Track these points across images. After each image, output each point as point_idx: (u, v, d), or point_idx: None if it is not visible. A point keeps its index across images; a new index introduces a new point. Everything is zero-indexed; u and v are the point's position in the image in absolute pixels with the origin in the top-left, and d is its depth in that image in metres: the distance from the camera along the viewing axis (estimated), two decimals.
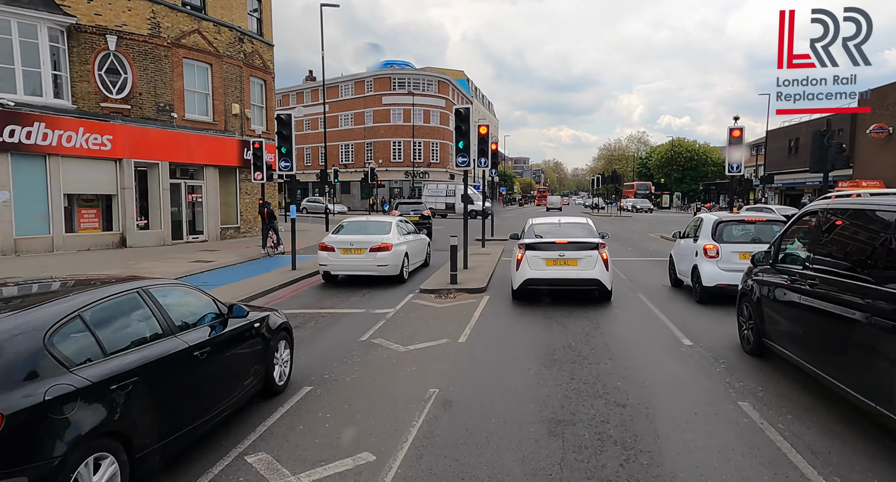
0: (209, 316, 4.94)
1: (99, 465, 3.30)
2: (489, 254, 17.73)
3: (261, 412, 5.37)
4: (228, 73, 22.59)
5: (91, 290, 3.97)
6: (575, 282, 10.07)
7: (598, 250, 10.02)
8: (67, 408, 3.18)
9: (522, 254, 10.21)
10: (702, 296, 10.11)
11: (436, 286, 11.95)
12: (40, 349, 3.25)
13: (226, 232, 23.03)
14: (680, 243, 12.07)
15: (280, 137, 13.90)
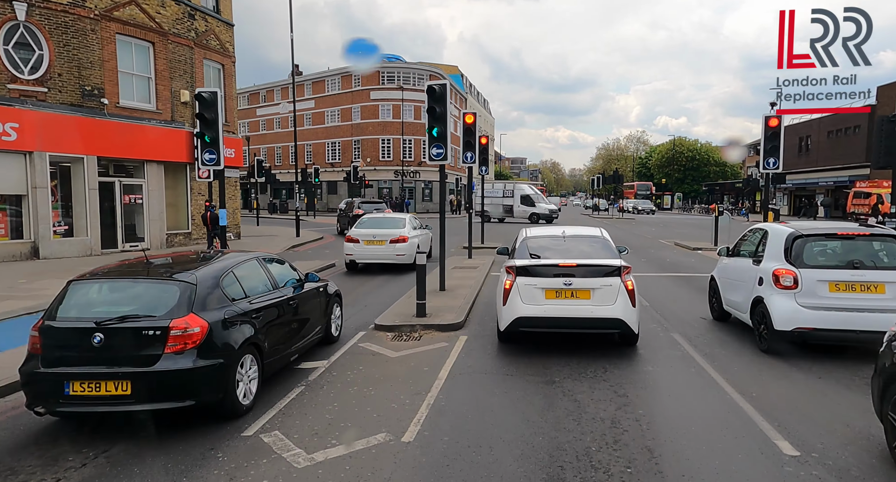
0: (292, 280, 7.06)
1: (244, 362, 5.41)
2: (476, 269, 14.64)
3: None
4: (176, 55, 19.46)
5: (234, 257, 6.40)
6: (587, 323, 6.98)
7: (621, 277, 6.98)
8: (233, 324, 5.35)
9: (512, 281, 7.19)
10: (772, 343, 7.11)
11: (396, 319, 8.87)
12: (217, 288, 5.44)
13: (173, 239, 19.89)
14: (728, 263, 8.91)
15: (202, 122, 10.82)
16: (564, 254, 7.42)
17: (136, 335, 4.82)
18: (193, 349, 4.85)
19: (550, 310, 6.91)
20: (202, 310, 5.06)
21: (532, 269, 7.11)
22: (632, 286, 6.97)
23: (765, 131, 15.22)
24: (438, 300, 10.40)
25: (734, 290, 8.36)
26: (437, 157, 10.85)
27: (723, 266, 9.13)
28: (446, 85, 10.66)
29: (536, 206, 38.73)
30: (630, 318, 6.89)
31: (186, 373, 4.78)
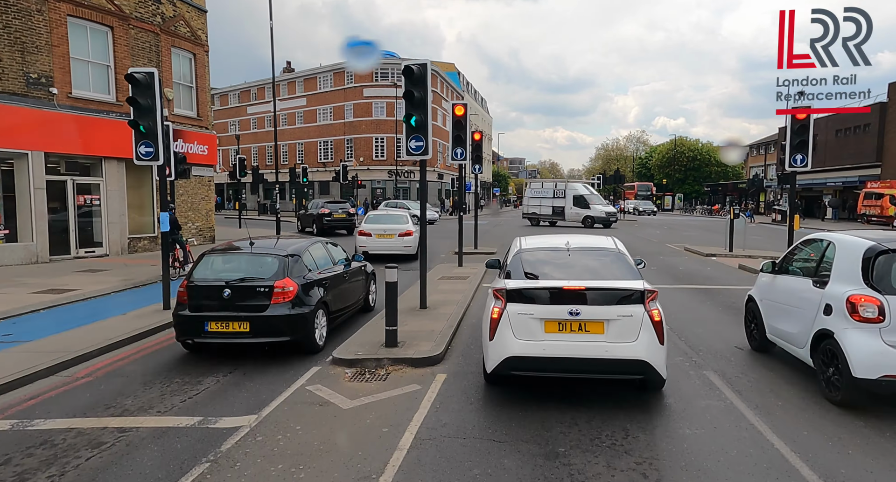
0: (343, 259, 9.11)
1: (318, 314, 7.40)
2: (465, 280, 12.91)
3: None
4: (139, 41, 17.71)
5: (308, 240, 8.66)
6: (600, 365, 5.26)
7: (645, 304, 5.28)
8: (311, 287, 7.39)
9: (501, 309, 5.48)
10: (848, 394, 5.30)
11: (360, 350, 7.13)
12: (301, 261, 7.54)
13: (137, 244, 18.13)
14: (774, 282, 7.09)
15: (135, 108, 9.08)
16: (569, 272, 5.73)
17: (252, 291, 7.00)
18: (289, 302, 7.00)
19: (552, 348, 5.23)
20: (292, 276, 7.22)
21: (528, 294, 5.44)
22: (659, 317, 5.27)
23: (791, 124, 13.59)
24: (416, 322, 8.68)
25: (784, 318, 6.52)
26: (417, 150, 9.14)
27: (766, 285, 7.27)
28: (426, 65, 8.94)
29: (591, 208, 34.12)
30: (657, 360, 5.20)
31: (285, 318, 6.94)
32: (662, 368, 5.26)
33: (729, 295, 11.35)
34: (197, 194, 20.66)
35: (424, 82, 8.92)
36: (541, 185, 37.80)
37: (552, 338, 5.23)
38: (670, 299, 10.79)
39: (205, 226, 21.13)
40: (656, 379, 5.31)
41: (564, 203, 34.90)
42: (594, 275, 5.66)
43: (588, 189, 36.63)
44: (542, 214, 35.73)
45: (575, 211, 34.48)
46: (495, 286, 5.75)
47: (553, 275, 5.70)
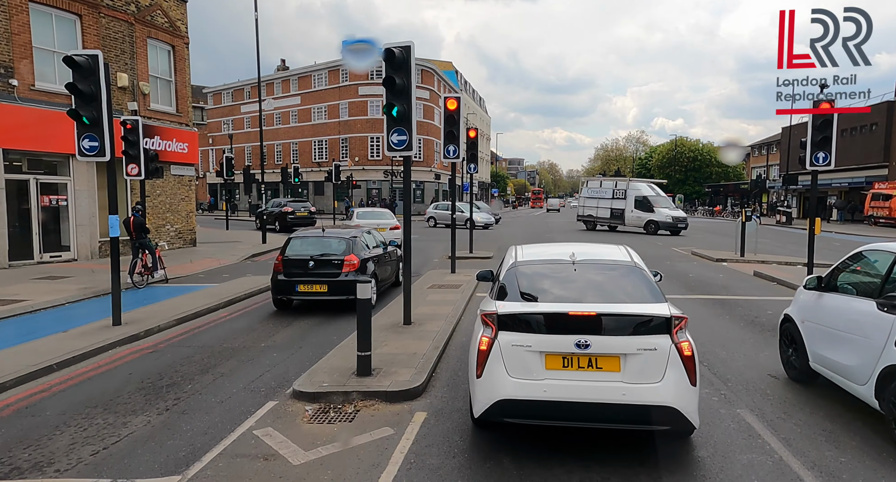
0: (382, 243, 11.79)
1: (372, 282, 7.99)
2: (457, 289, 11.78)
3: None
4: (111, 31, 16.58)
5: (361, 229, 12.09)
6: (616, 412, 4.18)
7: (672, 335, 4.23)
8: (366, 261, 10.25)
9: (491, 338, 4.41)
10: None
11: (327, 380, 6.00)
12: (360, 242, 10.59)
13: (108, 247, 16.95)
14: (823, 302, 5.79)
15: (77, 96, 7.97)
16: (576, 292, 4.71)
17: (329, 263, 9.88)
18: (355, 271, 9.76)
19: (555, 389, 4.18)
20: (355, 253, 10.06)
21: (524, 320, 4.40)
22: (690, 350, 4.21)
23: (813, 120, 12.52)
24: (397, 341, 7.55)
25: (836, 346, 5.36)
26: (399, 145, 8.05)
27: (810, 304, 6.02)
28: (409, 48, 7.84)
29: (655, 212, 29.64)
30: (688, 406, 4.14)
31: (352, 283, 8.42)
32: (694, 415, 4.18)
33: (749, 307, 10.24)
34: (176, 195, 19.51)
35: (407, 67, 7.83)
36: (599, 184, 34.07)
37: (555, 377, 4.21)
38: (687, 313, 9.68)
39: (185, 228, 19.98)
40: (686, 428, 4.26)
41: (625, 205, 30.92)
42: (606, 297, 4.64)
43: (654, 189, 32.67)
44: (600, 217, 32.22)
45: (636, 214, 30.47)
46: (485, 309, 4.68)
47: (556, 296, 4.68)
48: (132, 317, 9.15)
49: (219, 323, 9.42)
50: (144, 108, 17.77)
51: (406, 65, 7.78)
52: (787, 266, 15.83)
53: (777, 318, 6.69)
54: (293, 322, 9.38)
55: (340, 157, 53.25)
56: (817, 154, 12.44)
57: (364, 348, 6.10)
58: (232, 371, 6.77)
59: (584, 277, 4.91)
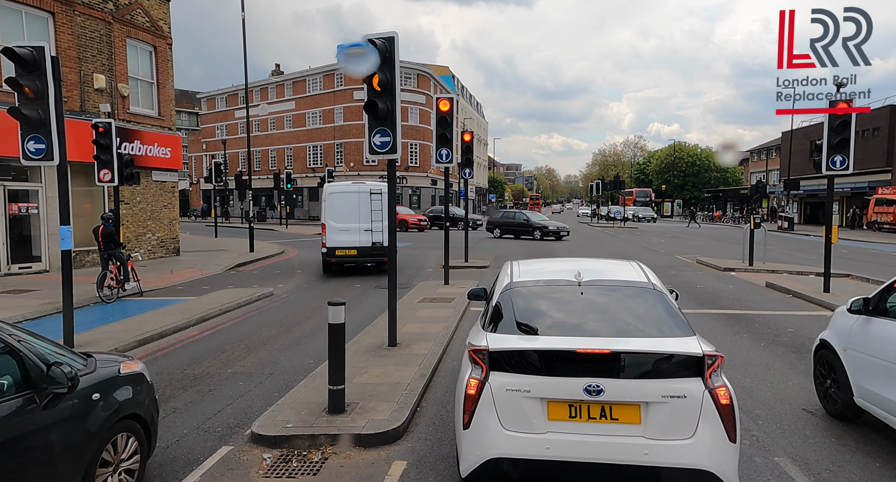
0: None
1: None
2: (450, 303, 10.93)
3: None
4: (86, 30, 15.77)
5: None
6: (636, 476, 3.31)
7: (705, 378, 3.36)
8: None
9: (480, 380, 3.57)
10: None
11: (292, 419, 5.13)
12: None
13: (84, 258, 16.13)
14: (872, 328, 4.90)
15: (20, 94, 7.12)
16: (584, 322, 3.87)
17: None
18: None
19: (559, 446, 3.36)
20: None
21: (521, 359, 3.58)
22: (728, 398, 3.35)
23: (829, 121, 11.77)
24: (379, 367, 6.70)
25: (891, 381, 4.50)
26: (383, 148, 7.21)
27: (854, 329, 5.14)
28: (393, 39, 7.03)
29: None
30: (727, 470, 3.29)
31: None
32: (735, 479, 3.33)
33: (767, 324, 9.40)
34: (158, 201, 18.66)
35: (391, 61, 7.02)
36: None
37: (560, 431, 3.40)
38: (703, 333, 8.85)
39: (167, 236, 19.11)
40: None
41: None
42: (621, 328, 3.82)
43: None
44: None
45: None
46: (473, 342, 3.81)
47: (560, 327, 3.85)
48: (88, 337, 8.28)
49: (186, 343, 8.56)
50: (123, 111, 16.95)
51: (390, 58, 6.97)
52: (800, 275, 15.02)
53: (800, 337, 5.98)
54: (268, 342, 8.52)
55: (336, 163, 52.50)
56: (834, 157, 11.67)
57: (336, 381, 5.25)
58: (188, 405, 5.92)
59: (593, 302, 4.10)
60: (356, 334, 8.49)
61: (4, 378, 3.13)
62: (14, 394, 3.14)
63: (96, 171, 13.09)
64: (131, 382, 4.10)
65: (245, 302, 11.53)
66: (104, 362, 4.08)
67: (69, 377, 3.28)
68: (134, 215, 17.67)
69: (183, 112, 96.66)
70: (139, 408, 4.07)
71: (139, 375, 4.25)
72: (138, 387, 4.16)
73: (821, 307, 10.84)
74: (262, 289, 12.88)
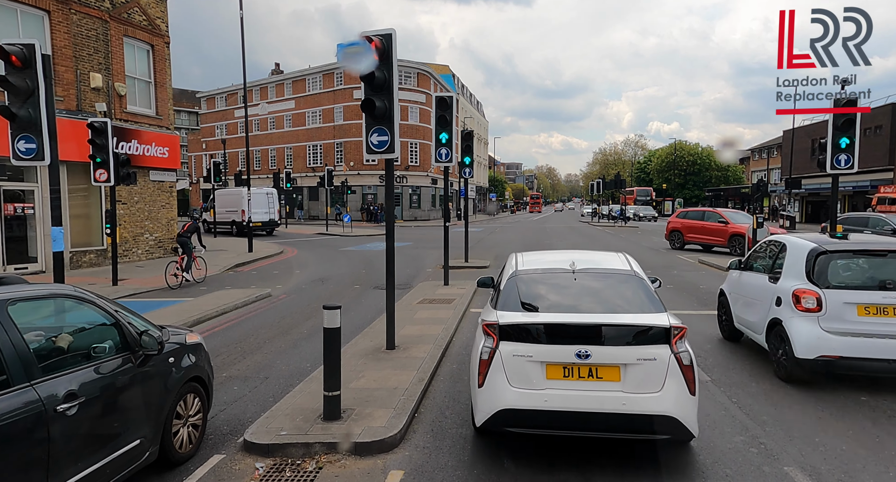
0: None
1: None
2: (450, 304, 10.80)
3: None
4: (83, 29, 15.63)
5: None
6: (615, 422, 4.19)
7: (671, 345, 4.23)
8: None
9: (493, 349, 4.42)
10: (793, 370, 6.20)
11: (286, 426, 4.99)
12: None
13: (81, 258, 16.00)
14: (740, 278, 7.93)
15: (11, 92, 6.99)
16: (576, 302, 4.77)
17: None
18: None
19: (555, 399, 4.21)
20: None
21: (525, 331, 4.41)
22: (690, 360, 4.23)
23: (834, 120, 11.61)
24: (376, 371, 6.57)
25: (747, 309, 7.47)
26: (380, 147, 7.08)
27: (734, 280, 8.20)
28: (391, 36, 6.88)
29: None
30: (687, 415, 4.17)
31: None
32: (693, 425, 4.20)
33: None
34: (156, 202, 18.53)
35: (388, 58, 6.87)
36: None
37: (556, 387, 4.23)
38: (700, 332, 8.71)
39: (165, 237, 18.98)
40: (686, 437, 4.26)
41: None
42: (606, 306, 4.72)
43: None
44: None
45: None
46: (485, 318, 4.67)
47: (556, 305, 4.72)
48: None
49: None
50: (120, 110, 16.81)
51: (387, 55, 6.83)
52: None
53: None
54: (264, 345, 8.39)
55: (335, 162, 52.37)
56: (839, 156, 11.51)
57: (332, 387, 5.11)
58: None
59: (583, 286, 4.92)
60: (354, 337, 8.36)
61: (107, 342, 3.96)
62: (115, 354, 3.95)
63: (92, 171, 12.97)
64: (195, 351, 4.94)
65: (242, 303, 11.40)
66: (174, 333, 4.86)
67: (158, 341, 4.15)
68: (131, 215, 17.54)
69: (183, 111, 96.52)
70: (201, 372, 4.91)
71: (200, 345, 5.09)
72: (200, 355, 5.00)
73: None
74: (259, 290, 12.75)
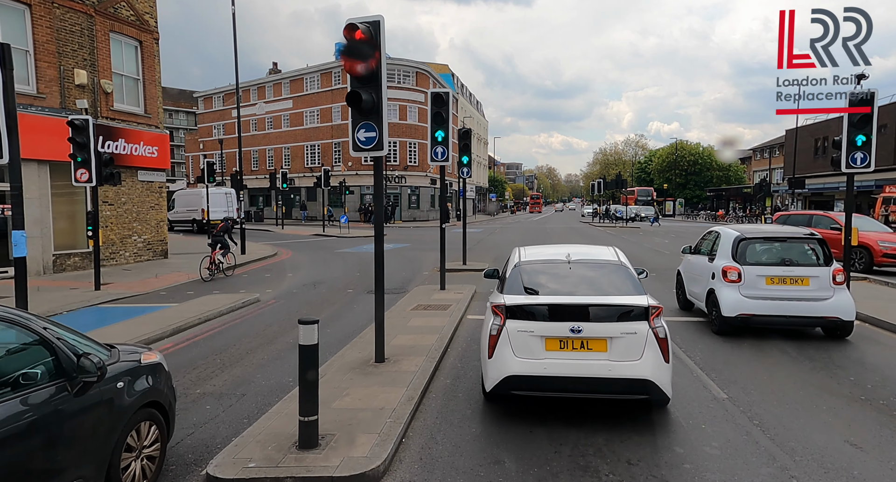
0: None
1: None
2: (446, 311, 10.24)
3: None
4: (66, 23, 15.09)
5: None
6: (603, 385, 4.99)
7: (649, 321, 5.08)
8: None
9: (501, 327, 5.22)
10: (721, 326, 8.48)
11: (256, 455, 4.43)
12: None
13: (65, 261, 15.45)
14: (690, 260, 10.44)
15: None
16: (571, 287, 5.58)
17: None
18: None
19: (552, 366, 5.03)
20: None
21: (527, 310, 5.26)
22: (664, 334, 5.09)
23: (850, 118, 11.09)
24: (363, 388, 6.01)
25: (693, 282, 9.77)
26: (367, 144, 6.55)
27: (686, 262, 10.61)
28: (379, 23, 6.34)
29: None
30: (662, 379, 5.02)
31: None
32: (667, 387, 5.05)
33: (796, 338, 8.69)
34: (144, 203, 17.97)
35: (376, 43, 6.33)
36: None
37: (553, 357, 5.05)
38: (718, 347, 8.15)
39: (155, 238, 18.44)
40: (661, 398, 5.08)
41: None
42: (596, 290, 5.50)
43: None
44: None
45: None
46: (494, 301, 5.52)
47: (554, 290, 5.51)
48: None
49: None
50: (107, 108, 16.26)
51: (375, 41, 6.28)
52: None
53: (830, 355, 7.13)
54: (246, 356, 7.84)
55: (333, 162, 51.84)
56: (854, 154, 10.99)
57: (308, 411, 4.56)
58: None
59: (577, 274, 5.73)
60: (342, 347, 7.82)
61: (39, 367, 3.38)
62: (48, 382, 3.37)
63: (73, 171, 12.43)
64: (151, 372, 4.34)
65: (228, 309, 10.85)
66: (126, 353, 4.30)
67: (98, 367, 3.53)
68: (119, 217, 16.99)
69: (181, 111, 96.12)
70: (159, 396, 4.32)
71: (158, 365, 4.49)
72: (158, 377, 4.39)
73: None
74: (247, 295, 12.21)
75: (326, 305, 11.49)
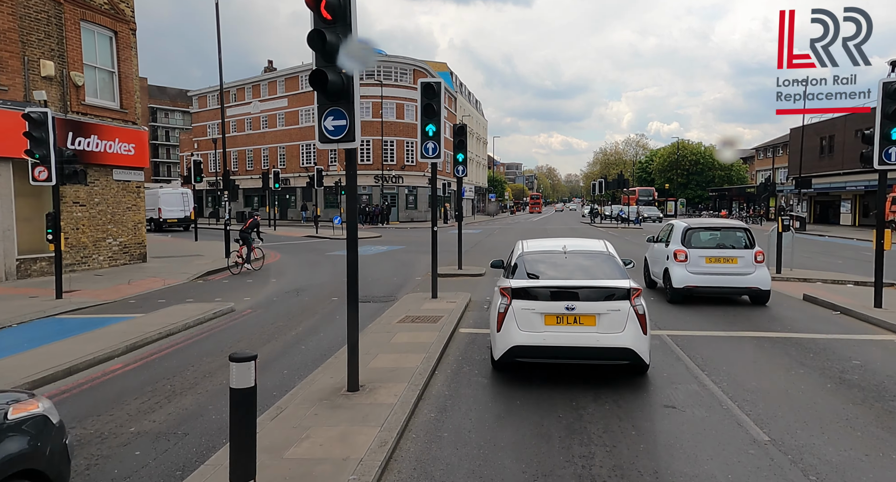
0: None
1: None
2: (436, 323, 9.16)
3: None
4: (31, 11, 14.04)
5: None
6: (592, 352, 6.04)
7: (630, 300, 6.06)
8: None
9: (507, 305, 6.23)
10: (673, 296, 10.87)
11: None
12: None
13: (31, 266, 14.40)
14: (654, 247, 12.54)
15: None
16: (566, 272, 6.56)
17: None
18: None
19: (550, 337, 6.06)
20: None
21: (530, 292, 6.23)
22: (643, 311, 6.07)
23: (883, 107, 9.96)
24: (327, 429, 4.95)
25: (655, 264, 12.25)
26: (336, 133, 5.55)
27: (650, 249, 12.92)
28: None
29: None
30: (641, 348, 6.03)
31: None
32: (646, 355, 6.11)
33: (822, 352, 7.63)
34: (120, 203, 16.92)
35: (345, 17, 5.30)
36: None
37: (551, 330, 6.05)
38: (734, 361, 7.11)
39: (131, 241, 17.39)
40: (641, 364, 6.16)
41: None
42: (587, 275, 6.46)
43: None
44: None
45: None
46: (501, 285, 6.62)
47: (552, 275, 6.51)
48: None
49: (98, 383, 6.82)
50: (77, 102, 15.21)
51: (342, 12, 5.24)
52: (836, 285, 13.29)
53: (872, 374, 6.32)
54: (202, 381, 6.79)
55: (329, 162, 50.77)
56: (888, 149, 9.92)
57: (240, 476, 3.50)
58: None
59: (572, 262, 6.76)
60: (312, 370, 6.80)
61: None
62: None
63: (30, 169, 11.40)
64: (25, 429, 3.23)
65: (195, 322, 9.80)
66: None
67: None
68: (91, 218, 15.94)
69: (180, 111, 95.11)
70: (38, 461, 3.23)
71: (40, 419, 3.38)
72: (38, 435, 3.29)
73: (879, 327, 9.12)
74: (221, 305, 11.17)
75: (306, 316, 10.45)
